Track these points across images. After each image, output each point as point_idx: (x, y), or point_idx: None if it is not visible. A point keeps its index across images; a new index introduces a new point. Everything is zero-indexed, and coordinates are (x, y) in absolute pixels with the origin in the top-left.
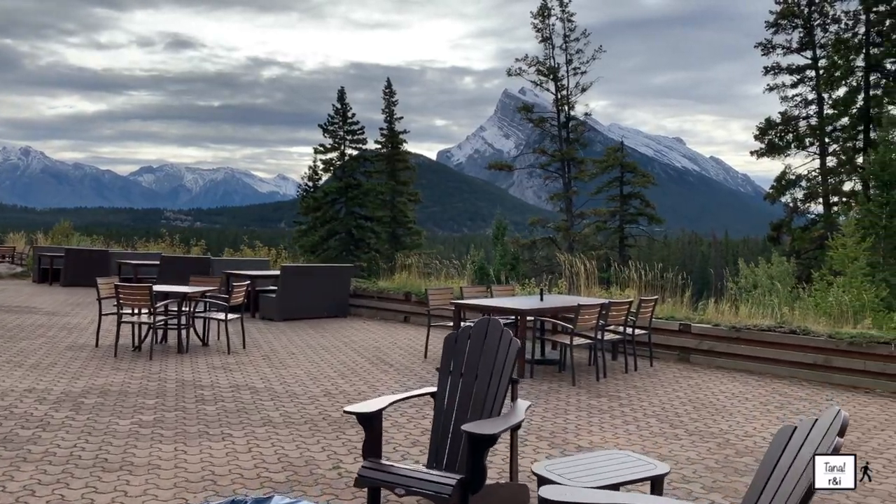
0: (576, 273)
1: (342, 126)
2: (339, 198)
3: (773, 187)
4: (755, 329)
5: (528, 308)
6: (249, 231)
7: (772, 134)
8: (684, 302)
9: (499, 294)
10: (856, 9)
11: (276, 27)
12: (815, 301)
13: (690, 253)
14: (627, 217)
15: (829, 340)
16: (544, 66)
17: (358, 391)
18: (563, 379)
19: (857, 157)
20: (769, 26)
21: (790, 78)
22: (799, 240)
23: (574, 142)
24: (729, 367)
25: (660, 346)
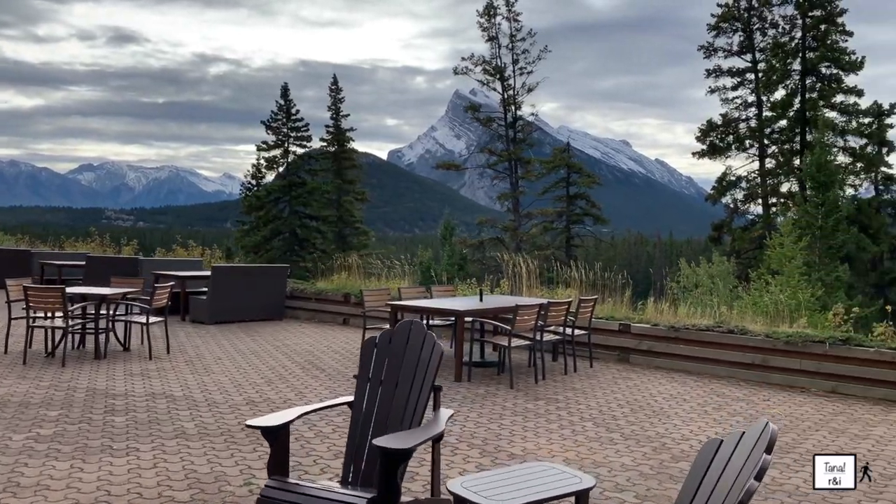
0: (518, 273)
1: (286, 123)
2: (283, 197)
3: (714, 188)
4: (694, 329)
5: (466, 309)
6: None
7: (713, 135)
8: (624, 302)
9: (439, 295)
10: (792, 13)
11: (224, 23)
12: (752, 300)
13: (636, 253)
14: (573, 217)
15: (766, 340)
16: (490, 65)
17: (284, 399)
18: (501, 382)
19: (795, 159)
20: (710, 29)
21: (731, 80)
22: (739, 240)
23: (521, 142)
24: (668, 368)
25: (600, 347)
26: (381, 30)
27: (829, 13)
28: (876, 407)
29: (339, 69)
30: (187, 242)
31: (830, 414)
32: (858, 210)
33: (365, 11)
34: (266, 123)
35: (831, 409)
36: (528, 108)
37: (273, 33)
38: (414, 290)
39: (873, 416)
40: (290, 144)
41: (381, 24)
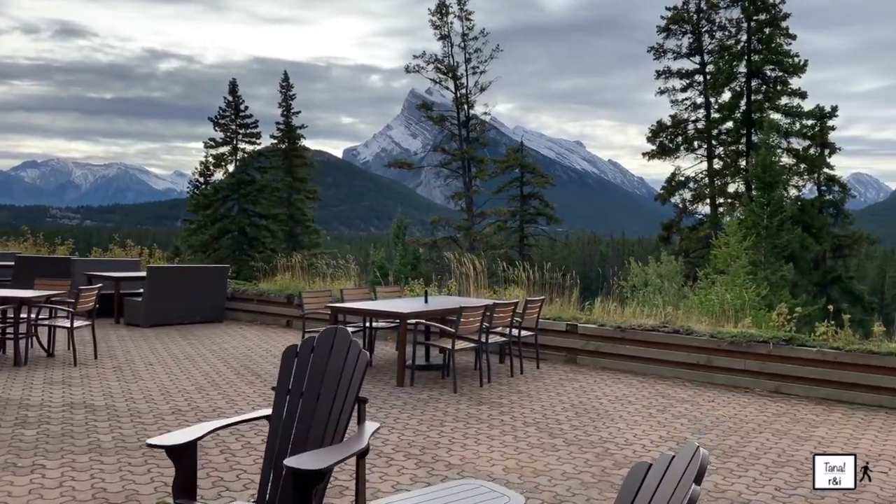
0: (465, 274)
1: (234, 120)
2: (232, 195)
3: (663, 188)
4: (640, 329)
5: (409, 311)
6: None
7: (663, 136)
8: (572, 302)
9: (384, 296)
10: (738, 17)
11: (174, 18)
12: (699, 300)
13: (590, 252)
14: (527, 217)
15: (710, 340)
16: (443, 64)
17: (213, 407)
18: (445, 386)
19: (741, 160)
20: (660, 31)
21: (680, 82)
22: (687, 239)
23: (474, 141)
24: (614, 368)
25: (547, 348)
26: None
27: (773, 17)
28: (818, 407)
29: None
30: (125, 242)
31: (774, 415)
32: (802, 210)
33: (319, 9)
34: (214, 120)
35: (774, 409)
36: (481, 107)
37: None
38: (357, 291)
39: (815, 416)
40: (239, 142)
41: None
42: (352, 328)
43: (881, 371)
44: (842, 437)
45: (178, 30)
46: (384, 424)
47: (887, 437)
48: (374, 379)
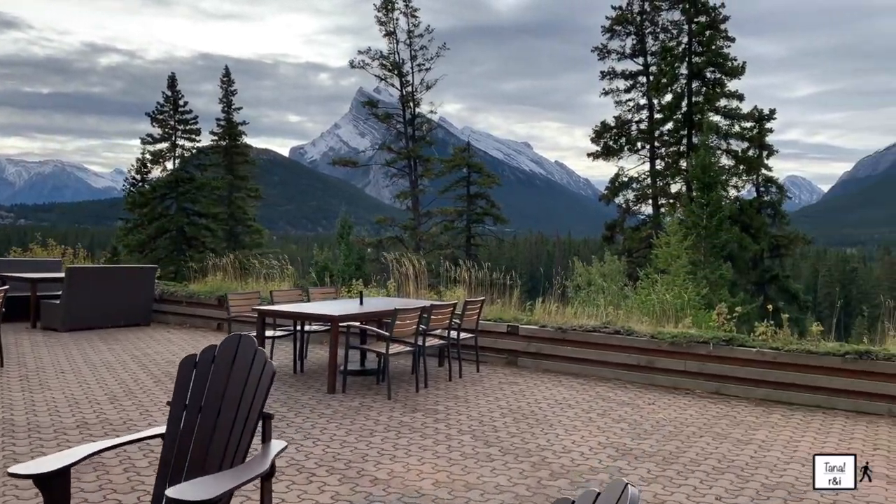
0: (405, 274)
1: (173, 115)
2: (170, 193)
3: (607, 188)
4: (581, 330)
5: (341, 314)
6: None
7: (607, 137)
8: (514, 302)
9: (317, 297)
10: (679, 19)
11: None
12: (639, 300)
13: (537, 252)
14: (474, 217)
15: (651, 341)
16: (388, 60)
17: (124, 420)
18: (379, 392)
19: (682, 161)
20: (605, 31)
21: (624, 83)
22: (630, 239)
23: (420, 139)
24: (556, 370)
25: (488, 350)
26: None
27: (713, 19)
28: (758, 408)
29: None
30: (46, 241)
31: (714, 417)
32: (741, 210)
33: (266, 5)
34: (152, 115)
35: (715, 411)
36: (427, 105)
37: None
38: (289, 292)
39: (755, 418)
40: (178, 138)
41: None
42: (282, 332)
43: (818, 371)
44: (781, 439)
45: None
46: (309, 436)
47: (826, 440)
48: (305, 385)
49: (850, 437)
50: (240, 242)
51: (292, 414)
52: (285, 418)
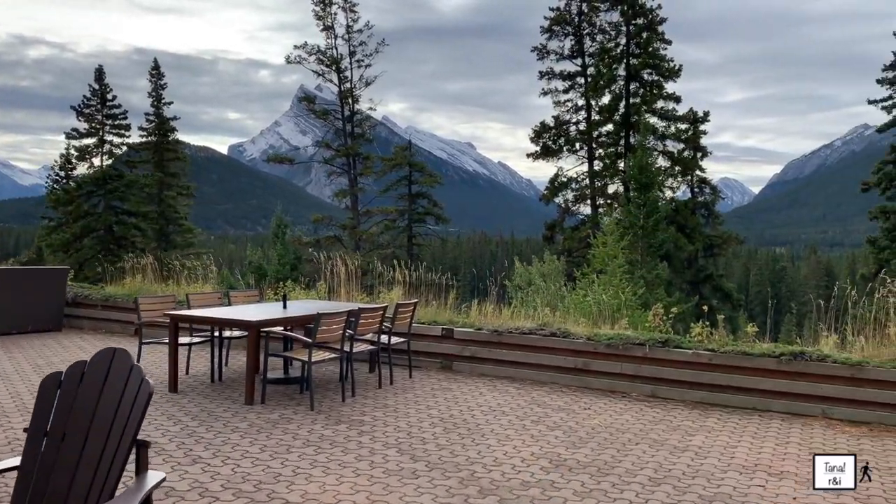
0: (337, 275)
1: (101, 110)
2: (97, 191)
3: (547, 189)
4: (517, 332)
5: (260, 318)
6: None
7: (546, 137)
8: (449, 304)
9: (239, 301)
10: (618, 20)
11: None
12: (576, 301)
13: (480, 252)
14: (415, 216)
15: (587, 343)
16: (326, 55)
17: (9, 440)
18: (302, 402)
19: (620, 162)
20: (544, 31)
21: (563, 83)
22: (569, 239)
23: (360, 137)
24: (491, 374)
25: (422, 354)
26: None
27: (650, 21)
28: (694, 411)
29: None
30: None
31: (650, 422)
32: (676, 211)
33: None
34: (77, 109)
35: (651, 416)
36: (367, 102)
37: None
38: (207, 296)
39: (692, 422)
40: (106, 133)
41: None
42: (200, 338)
43: (754, 373)
44: (718, 445)
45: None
46: (219, 453)
47: (762, 445)
48: (221, 396)
49: (786, 440)
50: (171, 242)
51: (203, 429)
52: (194, 434)
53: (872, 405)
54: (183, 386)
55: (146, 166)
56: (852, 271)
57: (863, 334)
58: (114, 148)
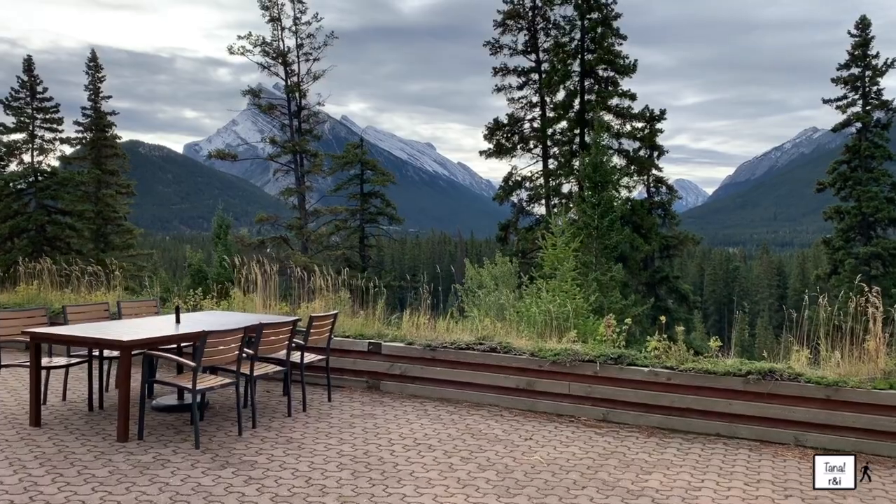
0: (253, 281)
1: (30, 103)
2: (28, 189)
3: (501, 188)
4: (453, 347)
5: (134, 338)
6: None
7: (500, 135)
8: (378, 314)
9: (130, 313)
10: (572, 14)
11: None
12: (523, 309)
13: (439, 252)
14: (367, 216)
15: (531, 360)
16: (271, 47)
17: None
18: (190, 436)
19: (574, 160)
20: (497, 26)
21: (517, 80)
22: (524, 240)
23: (307, 132)
24: (424, 395)
25: (347, 372)
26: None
27: (605, 16)
28: (651, 439)
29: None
30: None
31: (601, 456)
32: (632, 211)
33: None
34: (4, 103)
35: (602, 446)
36: (314, 97)
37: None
38: (91, 307)
39: (648, 454)
40: (37, 128)
41: (182, 10)
42: (78, 358)
43: (718, 394)
44: (679, 487)
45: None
46: None
47: (730, 485)
48: (93, 430)
49: (757, 477)
50: (110, 243)
51: (48, 479)
52: (35, 486)
53: (850, 430)
54: (51, 417)
55: (82, 163)
56: (802, 270)
57: (838, 349)
58: (45, 144)
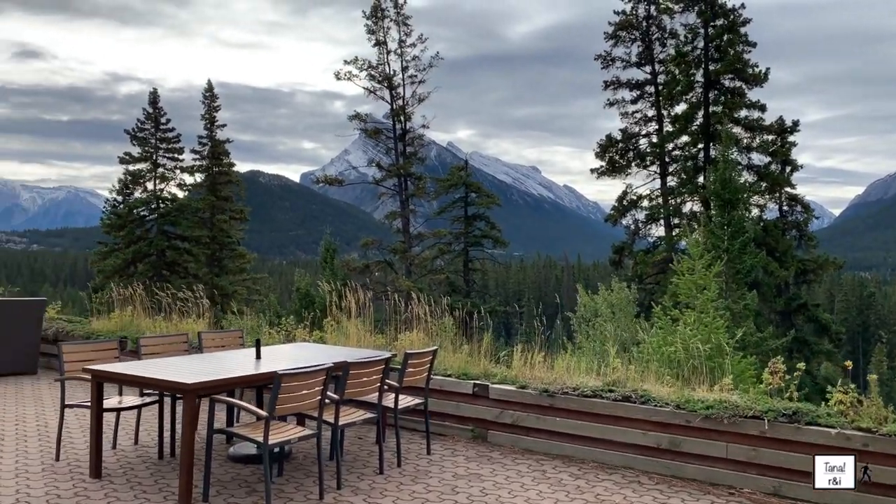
0: (346, 309)
1: (154, 133)
2: (149, 215)
3: (614, 208)
4: (575, 394)
5: (200, 381)
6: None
7: (612, 151)
8: (483, 349)
9: (212, 344)
10: (694, 22)
11: (138, 42)
12: (656, 345)
13: (545, 276)
14: (472, 239)
15: (676, 413)
16: (377, 70)
17: None
18: (262, 500)
19: (699, 176)
20: (608, 38)
21: (630, 93)
22: (641, 263)
23: (412, 156)
24: (540, 451)
25: (450, 418)
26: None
27: (732, 22)
28: None
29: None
30: None
31: None
32: (765, 232)
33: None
34: (131, 133)
35: None
36: (419, 119)
37: (190, 54)
38: (168, 339)
39: None
40: (160, 157)
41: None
42: (150, 398)
43: None
44: None
45: (140, 53)
46: None
47: None
48: (156, 486)
49: None
50: (224, 267)
51: None
52: None
53: None
54: (116, 466)
55: (199, 190)
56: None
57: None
58: (166, 172)
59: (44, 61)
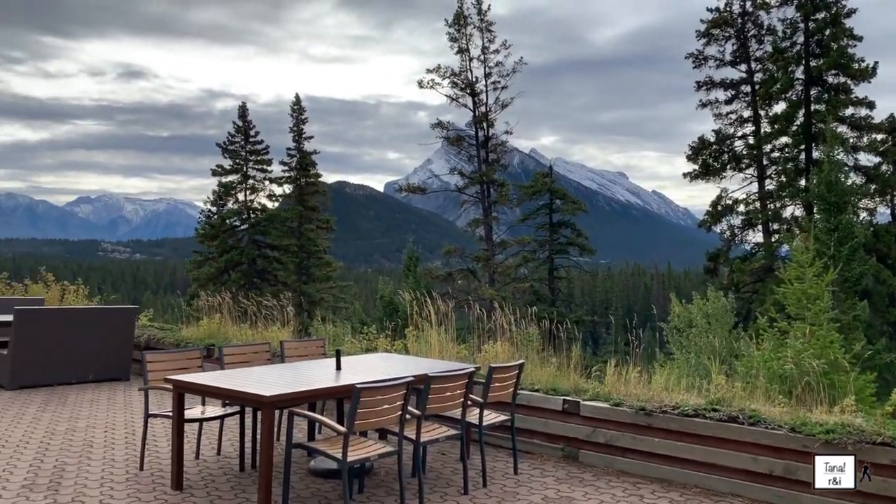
0: (427, 319)
1: (244, 146)
2: (240, 225)
3: (707, 213)
4: (675, 413)
5: (277, 394)
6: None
7: (705, 154)
8: (573, 363)
9: (294, 353)
10: (793, 17)
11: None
12: (763, 359)
13: (633, 284)
14: (557, 247)
15: (791, 436)
16: (459, 77)
17: None
18: None
19: (800, 179)
20: (700, 36)
21: (724, 94)
22: (738, 271)
23: (494, 162)
24: (636, 474)
25: (537, 435)
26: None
27: (834, 15)
28: None
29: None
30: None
31: None
32: (876, 237)
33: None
34: (222, 146)
35: None
36: (502, 125)
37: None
38: (251, 347)
39: None
40: (249, 169)
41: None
42: (232, 409)
43: None
44: None
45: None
46: None
47: None
48: (236, 499)
49: None
50: (311, 275)
51: None
52: None
53: None
54: (198, 477)
55: (287, 200)
56: None
57: None
58: (256, 183)
59: (146, 80)
